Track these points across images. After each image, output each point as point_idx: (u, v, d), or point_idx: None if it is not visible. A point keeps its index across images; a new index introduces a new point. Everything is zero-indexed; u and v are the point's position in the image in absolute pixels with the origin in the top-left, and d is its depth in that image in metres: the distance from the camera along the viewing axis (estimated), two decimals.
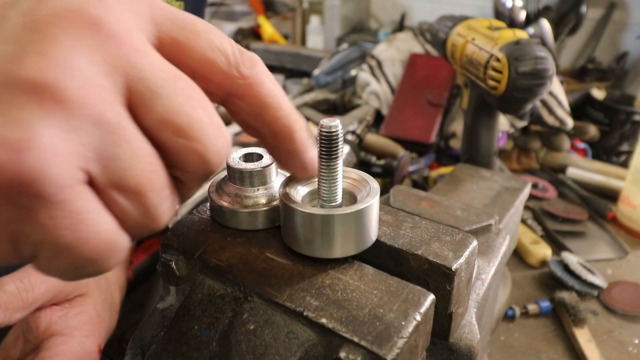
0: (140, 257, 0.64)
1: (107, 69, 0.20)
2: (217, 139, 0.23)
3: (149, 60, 0.22)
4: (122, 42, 0.21)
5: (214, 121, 0.23)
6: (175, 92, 0.22)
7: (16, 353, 0.41)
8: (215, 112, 0.24)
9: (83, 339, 0.40)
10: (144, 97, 0.22)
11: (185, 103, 0.22)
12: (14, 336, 0.42)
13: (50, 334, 0.39)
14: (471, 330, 0.33)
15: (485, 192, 0.51)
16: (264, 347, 0.26)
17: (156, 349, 0.30)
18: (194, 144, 0.23)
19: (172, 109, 0.22)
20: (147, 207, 0.22)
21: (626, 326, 0.61)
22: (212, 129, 0.23)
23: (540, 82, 0.55)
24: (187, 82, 0.23)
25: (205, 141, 0.23)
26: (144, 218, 0.23)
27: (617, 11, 1.50)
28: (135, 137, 0.21)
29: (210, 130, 0.23)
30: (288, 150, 0.28)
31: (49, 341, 0.38)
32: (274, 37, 1.66)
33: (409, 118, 1.03)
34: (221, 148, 0.24)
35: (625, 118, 1.01)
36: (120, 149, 0.21)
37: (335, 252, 0.28)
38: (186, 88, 0.23)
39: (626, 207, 0.80)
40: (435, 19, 0.79)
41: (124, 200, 0.22)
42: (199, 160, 0.23)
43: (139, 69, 0.21)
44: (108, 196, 0.21)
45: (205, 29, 0.25)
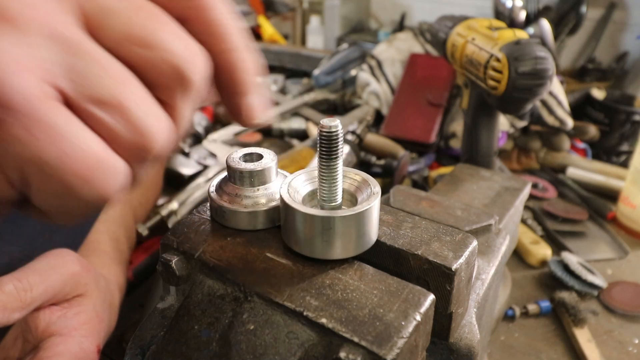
0: (140, 257, 0.64)
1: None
2: (183, 45, 0.23)
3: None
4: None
5: (176, 31, 0.23)
6: (129, 7, 0.22)
7: (15, 353, 0.41)
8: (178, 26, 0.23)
9: (82, 339, 0.40)
10: (99, 16, 0.21)
11: (142, 15, 0.22)
12: (14, 336, 0.42)
13: (49, 334, 0.39)
14: (471, 330, 0.33)
15: (485, 192, 0.51)
16: (264, 347, 0.26)
17: (156, 349, 0.30)
18: (161, 52, 0.22)
19: (130, 22, 0.22)
20: (132, 120, 0.22)
21: (626, 326, 0.61)
22: (176, 37, 0.22)
23: (540, 82, 0.55)
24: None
25: (172, 48, 0.22)
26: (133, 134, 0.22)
27: (617, 11, 1.50)
28: (99, 52, 0.21)
29: (175, 39, 0.22)
30: (228, 90, 0.27)
31: (48, 341, 0.38)
32: (274, 37, 1.66)
33: (409, 118, 1.03)
34: (191, 55, 0.23)
35: (625, 118, 1.01)
36: (86, 62, 0.21)
37: (335, 254, 0.28)
38: (140, 1, 0.22)
39: (626, 207, 0.80)
40: (435, 19, 0.79)
41: (105, 115, 0.21)
42: (171, 69, 0.22)
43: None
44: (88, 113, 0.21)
45: None
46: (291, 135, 1.11)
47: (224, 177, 0.33)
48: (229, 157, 0.32)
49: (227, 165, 0.32)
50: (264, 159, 0.32)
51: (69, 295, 0.41)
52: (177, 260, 0.30)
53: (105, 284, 0.47)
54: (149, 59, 0.22)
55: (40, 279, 0.38)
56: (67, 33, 0.20)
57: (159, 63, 0.22)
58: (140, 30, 0.22)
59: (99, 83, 0.21)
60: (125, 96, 0.21)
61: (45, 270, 0.39)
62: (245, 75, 0.26)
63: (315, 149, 0.88)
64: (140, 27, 0.22)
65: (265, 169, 0.32)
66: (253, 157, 0.33)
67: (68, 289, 0.41)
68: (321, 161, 0.28)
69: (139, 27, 0.22)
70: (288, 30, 1.91)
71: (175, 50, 0.22)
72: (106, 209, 0.57)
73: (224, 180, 0.33)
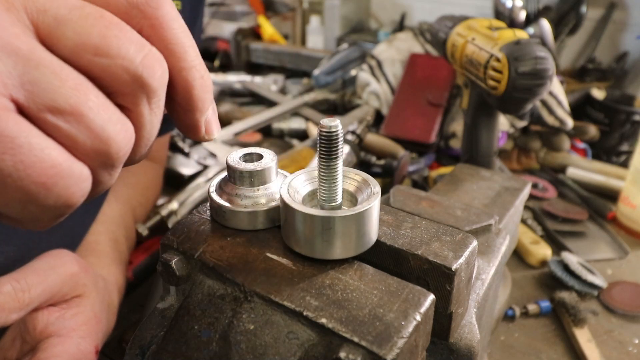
0: (140, 257, 0.64)
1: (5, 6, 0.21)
2: (139, 52, 0.22)
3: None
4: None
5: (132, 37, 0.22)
6: (82, 16, 0.21)
7: (14, 354, 0.41)
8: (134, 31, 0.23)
9: (80, 340, 0.39)
10: (53, 26, 0.21)
11: (96, 23, 0.22)
12: (11, 337, 0.42)
13: (47, 334, 0.39)
14: (471, 330, 0.33)
15: (485, 192, 0.51)
16: (264, 347, 0.26)
17: (156, 349, 0.30)
18: (118, 60, 0.22)
19: (84, 31, 0.21)
20: (92, 127, 0.22)
21: (626, 326, 0.61)
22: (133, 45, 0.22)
23: (540, 82, 0.55)
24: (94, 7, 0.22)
25: (129, 55, 0.22)
26: (93, 141, 0.22)
27: (617, 11, 1.50)
28: (53, 61, 0.21)
29: (131, 45, 0.22)
30: (185, 107, 0.27)
31: (46, 342, 0.38)
32: (274, 37, 1.66)
33: (409, 118, 1.03)
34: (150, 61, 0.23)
35: (625, 118, 1.01)
36: (40, 72, 0.21)
37: (335, 254, 0.28)
38: (95, 11, 0.22)
39: (626, 207, 0.80)
40: (435, 19, 0.79)
41: (64, 123, 0.21)
42: (130, 76, 0.22)
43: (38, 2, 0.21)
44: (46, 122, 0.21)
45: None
46: (291, 135, 1.11)
47: (224, 177, 0.33)
48: (229, 157, 0.32)
49: (227, 165, 0.32)
50: (264, 159, 0.32)
51: (67, 295, 0.41)
52: (177, 260, 0.30)
53: (103, 284, 0.47)
54: (106, 67, 0.22)
55: (38, 279, 0.38)
56: (19, 44, 0.20)
57: (116, 70, 0.22)
58: (96, 38, 0.22)
59: (55, 92, 0.21)
60: (82, 103, 0.21)
61: (44, 270, 0.39)
62: (203, 93, 0.26)
63: (315, 149, 0.88)
64: (95, 36, 0.22)
65: (265, 169, 0.32)
66: (253, 157, 0.33)
67: (66, 289, 0.40)
68: (321, 161, 0.28)
69: (94, 35, 0.21)
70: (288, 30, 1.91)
71: (133, 57, 0.22)
72: (104, 210, 0.57)
73: (224, 180, 0.33)
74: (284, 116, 1.16)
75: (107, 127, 0.22)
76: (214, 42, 1.63)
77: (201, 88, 0.26)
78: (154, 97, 0.24)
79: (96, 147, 0.22)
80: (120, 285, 0.52)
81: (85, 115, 0.21)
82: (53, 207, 0.22)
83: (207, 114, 0.27)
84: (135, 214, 0.65)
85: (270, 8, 1.86)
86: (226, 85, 1.35)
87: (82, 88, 0.21)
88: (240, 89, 1.35)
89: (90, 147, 0.22)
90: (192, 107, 0.27)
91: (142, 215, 0.68)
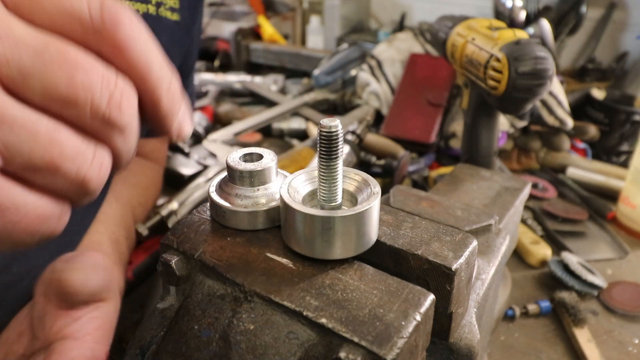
0: (140, 257, 0.64)
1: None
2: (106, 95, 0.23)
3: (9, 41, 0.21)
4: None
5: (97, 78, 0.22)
6: (46, 64, 0.21)
7: (20, 349, 0.40)
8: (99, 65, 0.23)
9: (93, 345, 0.39)
10: (17, 79, 0.21)
11: (61, 72, 0.21)
12: (18, 331, 0.41)
13: (62, 335, 0.39)
14: (471, 330, 0.33)
15: (485, 192, 0.51)
16: (264, 347, 0.26)
17: (156, 349, 0.30)
18: (86, 108, 0.22)
19: (49, 83, 0.21)
20: (68, 175, 0.22)
21: (626, 326, 0.61)
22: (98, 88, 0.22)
23: (540, 82, 0.55)
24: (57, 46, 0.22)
25: (96, 102, 0.22)
26: (72, 186, 0.23)
27: (617, 11, 1.50)
28: (26, 118, 0.21)
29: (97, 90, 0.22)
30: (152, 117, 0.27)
31: (62, 344, 0.38)
32: (274, 37, 1.66)
33: (409, 118, 1.03)
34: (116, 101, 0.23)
35: (625, 118, 1.01)
36: (14, 134, 0.21)
37: (335, 254, 0.28)
38: (57, 54, 0.21)
39: (626, 207, 0.80)
40: (435, 19, 0.79)
41: (42, 178, 0.22)
42: (98, 122, 0.23)
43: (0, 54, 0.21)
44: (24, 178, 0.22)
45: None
46: (291, 135, 1.11)
47: (224, 177, 0.33)
48: (229, 157, 0.32)
49: (227, 165, 0.32)
50: (264, 159, 0.32)
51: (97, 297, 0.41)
52: (177, 260, 0.30)
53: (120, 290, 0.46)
54: (76, 115, 0.22)
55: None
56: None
57: (86, 118, 0.22)
58: (63, 89, 0.21)
59: (30, 152, 0.21)
60: (56, 156, 0.22)
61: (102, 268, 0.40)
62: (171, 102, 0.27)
63: (315, 149, 0.88)
64: (59, 87, 0.21)
65: (265, 169, 0.32)
66: (253, 157, 0.33)
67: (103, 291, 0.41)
68: (321, 161, 0.28)
69: (60, 86, 0.21)
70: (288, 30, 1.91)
71: (99, 102, 0.22)
72: (104, 209, 0.57)
73: (224, 180, 0.33)
74: (284, 116, 1.16)
75: (82, 169, 0.23)
76: (214, 42, 1.63)
77: (168, 100, 0.26)
78: (126, 129, 0.24)
79: (74, 189, 0.23)
80: (120, 286, 0.52)
81: (60, 166, 0.22)
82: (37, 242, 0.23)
83: (177, 119, 0.28)
84: (135, 214, 0.65)
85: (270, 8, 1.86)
86: (226, 85, 1.35)
87: (56, 141, 0.22)
88: (240, 89, 1.35)
89: (69, 190, 0.23)
90: (161, 117, 0.27)
91: (142, 215, 0.68)
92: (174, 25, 0.55)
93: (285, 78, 1.43)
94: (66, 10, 0.22)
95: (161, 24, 0.53)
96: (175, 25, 0.55)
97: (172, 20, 0.54)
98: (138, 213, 0.66)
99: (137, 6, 0.49)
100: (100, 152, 0.24)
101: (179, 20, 0.56)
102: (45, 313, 0.39)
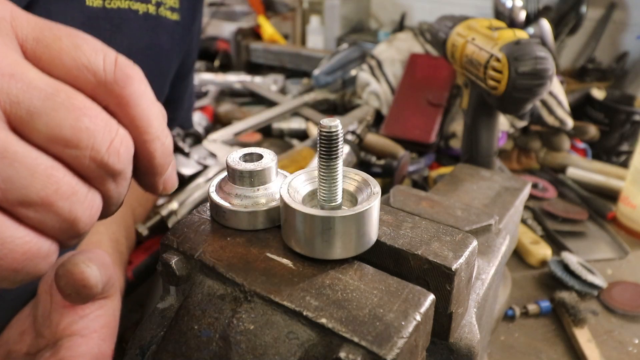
0: (140, 257, 0.64)
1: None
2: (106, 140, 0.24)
3: (22, 83, 0.22)
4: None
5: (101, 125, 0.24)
6: (54, 108, 0.22)
7: (23, 347, 0.40)
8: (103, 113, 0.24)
9: (100, 342, 0.39)
10: (24, 119, 0.22)
11: (68, 116, 0.23)
12: (19, 331, 0.41)
13: (69, 333, 0.39)
14: (471, 330, 0.33)
15: (485, 192, 0.51)
16: (264, 347, 0.26)
17: (156, 349, 0.30)
18: (87, 151, 0.23)
19: (55, 124, 0.23)
20: (60, 213, 0.23)
21: (626, 326, 0.61)
22: (100, 134, 0.24)
23: (540, 82, 0.55)
24: (67, 93, 0.23)
25: (97, 146, 0.24)
26: (62, 224, 0.24)
27: (617, 11, 1.50)
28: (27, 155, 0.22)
29: (99, 135, 0.24)
30: (144, 171, 0.28)
31: (70, 340, 0.38)
32: (274, 37, 1.66)
33: (409, 118, 1.03)
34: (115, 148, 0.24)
35: (625, 118, 1.01)
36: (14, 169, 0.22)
37: (335, 254, 0.28)
38: (66, 100, 0.23)
39: (626, 207, 0.80)
40: (435, 19, 0.79)
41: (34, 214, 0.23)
42: (96, 165, 0.24)
43: (12, 94, 0.22)
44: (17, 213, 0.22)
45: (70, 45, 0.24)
46: (291, 135, 1.11)
47: (224, 177, 0.33)
48: (229, 157, 0.32)
49: (227, 165, 0.32)
50: (264, 159, 0.32)
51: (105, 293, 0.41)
52: (177, 260, 0.30)
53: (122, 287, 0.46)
54: (76, 157, 0.23)
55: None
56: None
57: (84, 160, 0.24)
58: (67, 131, 0.23)
59: (27, 187, 0.22)
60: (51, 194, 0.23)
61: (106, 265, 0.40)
62: (164, 159, 0.28)
63: (315, 149, 0.88)
64: (64, 129, 0.23)
65: (265, 169, 0.32)
66: (253, 157, 0.33)
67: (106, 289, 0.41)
68: (321, 161, 0.28)
69: (65, 128, 0.23)
70: (288, 30, 1.91)
71: (99, 147, 0.24)
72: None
73: (224, 180, 0.33)
74: (284, 116, 1.16)
75: (74, 209, 0.24)
76: (214, 42, 1.63)
77: (162, 155, 0.28)
78: (120, 176, 0.26)
79: (64, 227, 0.24)
80: (120, 286, 0.52)
81: (54, 204, 0.23)
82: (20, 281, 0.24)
83: (165, 175, 0.29)
84: (135, 214, 0.65)
85: (270, 8, 1.86)
86: (226, 85, 1.35)
87: (53, 178, 0.23)
88: (240, 89, 1.35)
89: (59, 228, 0.24)
90: (153, 172, 0.29)
91: (142, 215, 0.68)
92: (174, 24, 0.55)
93: (285, 78, 1.43)
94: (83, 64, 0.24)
95: (161, 24, 0.53)
96: (175, 24, 0.55)
97: (172, 20, 0.54)
98: (138, 213, 0.66)
99: (137, 6, 0.49)
100: (92, 194, 0.25)
101: (179, 20, 0.56)
102: (51, 310, 0.39)
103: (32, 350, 0.40)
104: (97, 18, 0.45)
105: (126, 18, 0.47)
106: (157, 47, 0.53)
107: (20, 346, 0.40)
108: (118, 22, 0.47)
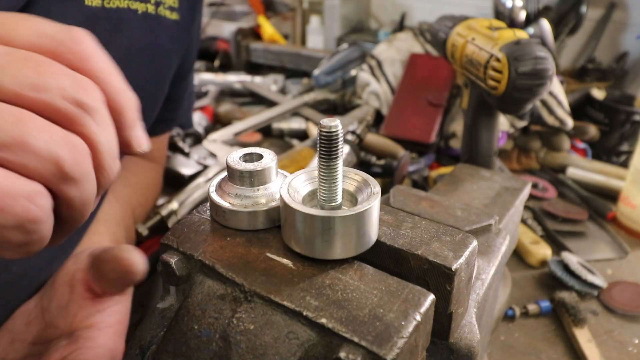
0: None
1: None
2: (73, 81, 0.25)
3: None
4: None
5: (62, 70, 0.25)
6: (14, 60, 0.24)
7: (28, 337, 0.41)
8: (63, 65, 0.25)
9: (115, 337, 0.40)
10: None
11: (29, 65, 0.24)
12: (25, 321, 0.42)
13: (85, 325, 0.39)
14: (471, 330, 0.33)
15: (485, 192, 0.51)
16: (264, 347, 0.26)
17: (156, 349, 0.30)
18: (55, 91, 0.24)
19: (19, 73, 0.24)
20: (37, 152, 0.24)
21: (626, 326, 0.61)
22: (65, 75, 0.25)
23: (540, 82, 0.55)
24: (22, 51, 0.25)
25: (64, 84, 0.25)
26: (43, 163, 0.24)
27: (617, 11, 1.50)
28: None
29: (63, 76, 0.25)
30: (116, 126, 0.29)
31: (87, 331, 0.38)
32: (274, 37, 1.66)
33: (409, 118, 1.03)
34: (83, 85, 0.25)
35: (625, 118, 1.01)
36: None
37: (335, 254, 0.28)
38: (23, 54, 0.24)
39: (626, 207, 0.80)
40: (435, 19, 0.79)
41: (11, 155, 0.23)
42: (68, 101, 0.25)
43: None
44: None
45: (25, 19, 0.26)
46: (291, 135, 1.11)
47: (224, 177, 0.33)
48: (229, 157, 0.32)
49: (227, 165, 0.32)
50: (264, 159, 0.32)
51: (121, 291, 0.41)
52: (177, 260, 0.30)
53: None
54: (45, 100, 0.24)
55: None
56: None
57: (55, 100, 0.24)
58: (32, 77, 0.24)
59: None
60: (23, 134, 0.23)
61: None
62: (131, 112, 0.29)
63: (315, 149, 0.88)
64: (31, 75, 0.24)
65: (265, 169, 0.32)
66: (253, 157, 0.33)
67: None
68: (321, 161, 0.28)
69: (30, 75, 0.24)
70: (288, 30, 1.91)
71: (68, 86, 0.25)
72: (105, 209, 0.57)
73: (224, 180, 0.33)
74: (284, 116, 1.16)
75: (52, 147, 0.24)
76: (214, 42, 1.63)
77: (130, 108, 0.29)
78: (96, 113, 0.26)
79: (47, 167, 0.24)
80: None
81: (28, 143, 0.23)
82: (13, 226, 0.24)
83: (135, 130, 0.30)
84: (135, 214, 0.65)
85: (270, 8, 1.86)
86: (226, 85, 1.35)
87: (22, 121, 0.24)
88: (240, 89, 1.35)
89: (42, 168, 0.24)
90: (125, 125, 0.29)
91: (142, 215, 0.68)
92: (173, 24, 0.55)
93: (285, 78, 1.43)
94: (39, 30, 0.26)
95: (160, 23, 0.52)
96: (175, 24, 0.55)
97: (172, 19, 0.54)
98: (138, 213, 0.66)
99: (137, 5, 0.49)
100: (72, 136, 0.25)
101: (178, 20, 0.56)
102: (70, 301, 0.40)
103: (39, 340, 0.40)
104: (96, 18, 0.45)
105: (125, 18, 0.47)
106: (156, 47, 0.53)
107: (26, 336, 0.41)
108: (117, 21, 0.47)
